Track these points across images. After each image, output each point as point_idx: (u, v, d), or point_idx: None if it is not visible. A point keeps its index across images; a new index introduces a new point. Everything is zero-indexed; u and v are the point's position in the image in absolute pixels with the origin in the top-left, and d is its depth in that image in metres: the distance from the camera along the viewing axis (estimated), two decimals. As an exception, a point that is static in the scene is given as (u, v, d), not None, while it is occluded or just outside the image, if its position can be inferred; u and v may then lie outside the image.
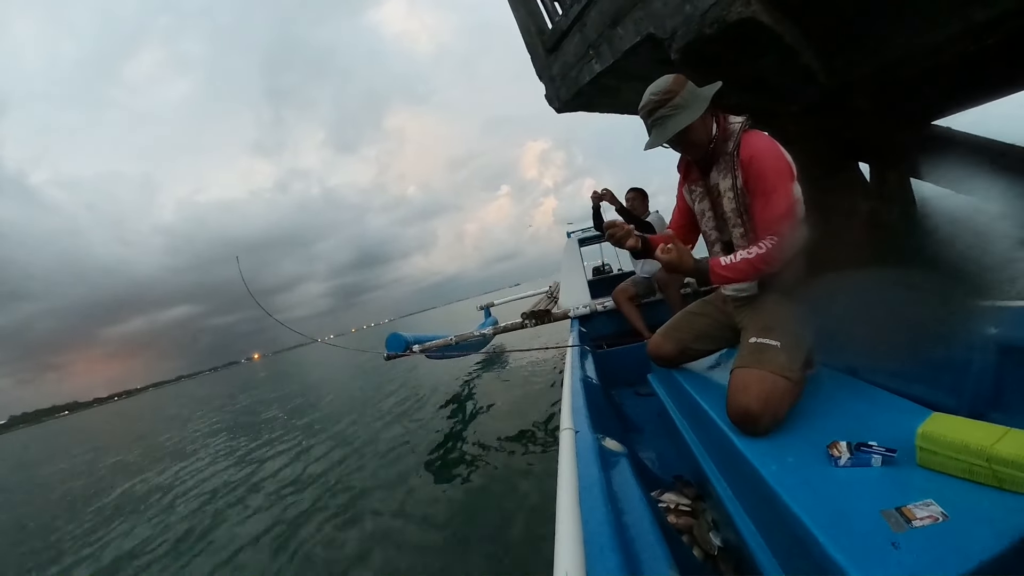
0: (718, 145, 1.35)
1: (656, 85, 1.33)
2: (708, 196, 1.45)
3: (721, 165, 1.37)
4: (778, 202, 1.23)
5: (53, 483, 7.66)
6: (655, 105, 1.32)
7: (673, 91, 1.30)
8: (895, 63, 1.84)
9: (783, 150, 1.29)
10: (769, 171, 1.25)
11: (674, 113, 1.30)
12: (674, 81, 1.31)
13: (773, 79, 1.92)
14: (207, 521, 3.48)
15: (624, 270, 7.04)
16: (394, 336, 3.89)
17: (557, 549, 0.66)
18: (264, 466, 4.67)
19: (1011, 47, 1.69)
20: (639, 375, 2.18)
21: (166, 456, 7.04)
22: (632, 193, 3.42)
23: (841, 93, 2.04)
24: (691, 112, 1.28)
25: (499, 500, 2.49)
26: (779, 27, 1.60)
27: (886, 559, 0.65)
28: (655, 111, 1.32)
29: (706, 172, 1.43)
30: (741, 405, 1.10)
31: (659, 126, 1.33)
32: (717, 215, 1.43)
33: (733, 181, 1.33)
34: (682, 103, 1.29)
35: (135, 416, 21.69)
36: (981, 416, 1.09)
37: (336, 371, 13.83)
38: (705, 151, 1.37)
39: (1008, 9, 1.46)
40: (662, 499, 1.35)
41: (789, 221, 1.23)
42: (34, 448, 19.62)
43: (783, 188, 1.24)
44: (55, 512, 5.35)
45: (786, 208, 1.23)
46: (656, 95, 1.31)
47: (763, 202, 1.26)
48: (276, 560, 2.51)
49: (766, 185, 1.25)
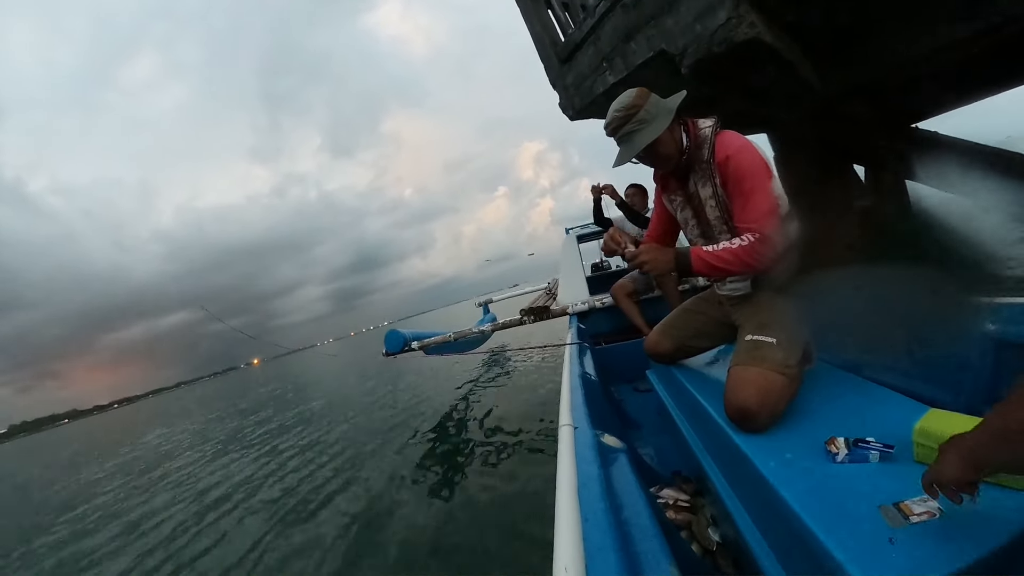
0: (692, 153, 1.33)
1: (619, 101, 1.30)
2: (690, 205, 1.43)
3: (699, 173, 1.34)
4: (759, 201, 1.22)
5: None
6: (620, 121, 1.29)
7: (637, 105, 1.27)
8: (884, 73, 2.02)
9: (758, 148, 1.27)
10: (746, 170, 1.23)
11: (639, 128, 1.28)
12: (637, 95, 1.29)
13: (774, 90, 2.06)
14: (186, 532, 3.49)
15: (623, 267, 7.04)
16: (393, 333, 3.88)
17: (556, 545, 0.67)
18: (264, 465, 4.68)
19: (993, 54, 1.82)
20: (638, 371, 2.19)
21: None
22: (632, 189, 3.42)
23: (836, 100, 2.20)
24: (657, 125, 1.26)
25: (498, 496, 2.50)
26: (780, 44, 1.74)
27: (883, 555, 0.65)
28: (620, 127, 1.30)
29: (684, 181, 1.41)
30: (738, 403, 1.10)
31: (626, 142, 1.31)
32: (702, 223, 1.42)
33: (714, 189, 1.31)
34: (647, 117, 1.27)
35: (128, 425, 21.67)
36: (978, 412, 1.09)
37: (333, 373, 13.83)
38: (677, 162, 1.35)
39: (989, 24, 1.59)
40: (661, 495, 1.36)
41: (771, 219, 1.21)
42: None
43: (762, 186, 1.23)
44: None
45: (768, 206, 1.22)
46: (620, 111, 1.29)
47: (743, 202, 1.25)
48: (274, 558, 2.52)
49: (744, 186, 1.24)
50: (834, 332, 1.38)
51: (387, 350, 3.86)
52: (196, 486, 4.57)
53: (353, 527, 2.59)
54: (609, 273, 6.82)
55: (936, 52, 1.79)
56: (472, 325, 4.28)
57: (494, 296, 7.50)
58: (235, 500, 3.74)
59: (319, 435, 5.24)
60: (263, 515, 3.18)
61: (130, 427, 14.53)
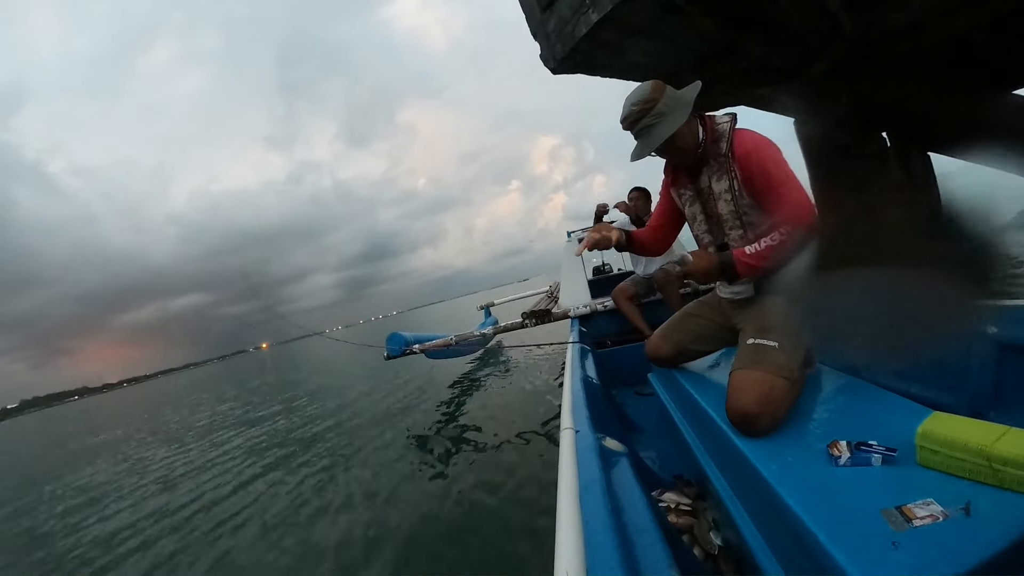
0: (708, 147, 1.34)
1: (634, 95, 1.31)
2: (699, 199, 1.43)
3: (713, 167, 1.35)
4: (790, 191, 1.23)
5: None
6: (637, 115, 1.30)
7: (654, 99, 1.28)
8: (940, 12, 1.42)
9: (774, 143, 1.28)
10: (770, 163, 1.25)
11: (658, 121, 1.28)
12: (653, 88, 1.29)
13: (794, 24, 1.63)
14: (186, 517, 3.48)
15: (624, 269, 7.04)
16: (394, 336, 3.89)
17: (558, 548, 0.66)
18: (261, 462, 4.67)
19: None
20: (639, 375, 2.18)
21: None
22: (635, 192, 3.42)
23: (871, 49, 1.66)
24: (675, 118, 1.26)
25: (499, 499, 2.49)
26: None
27: (886, 558, 0.65)
28: (638, 122, 1.30)
29: (695, 175, 1.42)
30: (740, 407, 1.10)
31: (645, 136, 1.31)
32: (710, 218, 1.42)
33: (730, 183, 1.31)
34: (664, 110, 1.27)
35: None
36: (981, 415, 1.09)
37: (339, 363, 13.82)
38: (694, 155, 1.35)
39: None
40: (662, 499, 1.35)
41: (808, 208, 1.22)
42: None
43: (789, 177, 1.24)
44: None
45: (801, 196, 1.23)
46: (637, 105, 1.30)
47: (775, 195, 1.25)
48: (268, 555, 2.51)
49: (772, 179, 1.24)
50: (836, 335, 1.37)
51: (388, 353, 3.86)
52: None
53: (334, 523, 2.59)
54: (610, 276, 6.82)
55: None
56: (474, 328, 4.29)
57: (496, 299, 7.51)
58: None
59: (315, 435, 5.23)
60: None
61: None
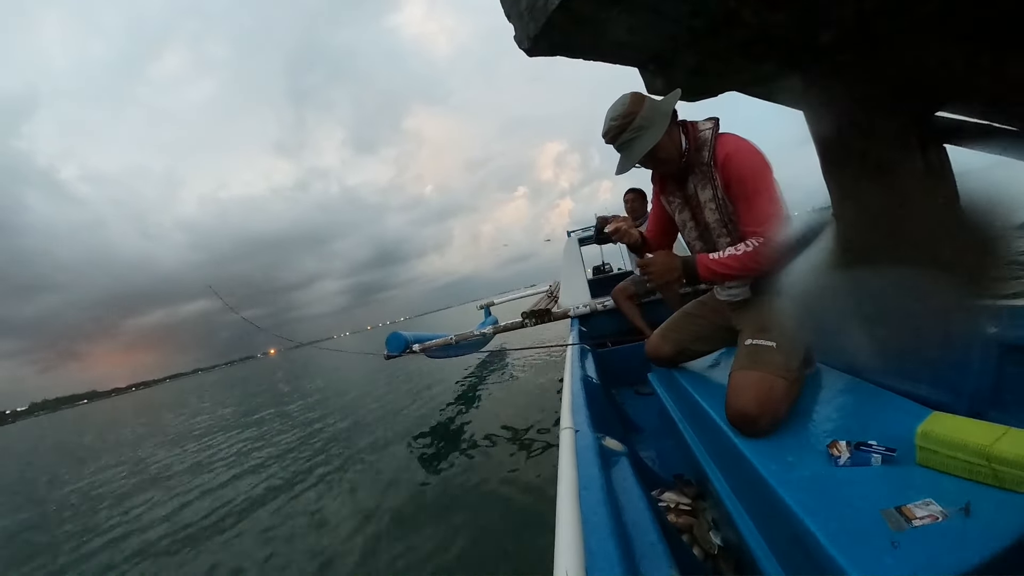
0: (692, 156, 1.33)
1: (613, 109, 1.31)
2: (688, 207, 1.43)
3: (698, 175, 1.35)
4: (762, 203, 1.22)
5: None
6: (617, 130, 1.30)
7: (632, 112, 1.28)
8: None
9: (758, 148, 1.27)
10: (747, 170, 1.23)
11: (638, 135, 1.28)
12: (631, 102, 1.29)
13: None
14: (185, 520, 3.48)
15: (624, 269, 7.05)
16: (394, 336, 3.89)
17: (557, 548, 0.66)
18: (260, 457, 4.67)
19: None
20: (639, 374, 2.18)
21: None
22: (631, 194, 3.42)
23: (887, 11, 1.25)
24: (655, 130, 1.26)
25: (499, 499, 2.49)
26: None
27: (886, 558, 0.65)
28: (618, 136, 1.31)
29: (682, 182, 1.42)
30: (739, 407, 1.10)
31: (626, 150, 1.31)
32: (699, 225, 1.42)
33: (714, 192, 1.31)
34: (644, 123, 1.27)
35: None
36: (981, 415, 1.09)
37: (345, 367, 13.84)
38: (678, 164, 1.35)
39: None
40: (662, 498, 1.35)
41: (775, 221, 1.21)
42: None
43: (765, 188, 1.23)
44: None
45: (772, 209, 1.22)
46: (616, 120, 1.30)
47: (746, 205, 1.24)
48: (264, 552, 2.51)
49: (747, 187, 1.23)
50: (835, 335, 1.37)
51: (388, 352, 3.87)
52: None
53: (333, 521, 2.59)
54: (610, 276, 6.83)
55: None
56: (474, 328, 4.29)
57: (496, 299, 7.51)
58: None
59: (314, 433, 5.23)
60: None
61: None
